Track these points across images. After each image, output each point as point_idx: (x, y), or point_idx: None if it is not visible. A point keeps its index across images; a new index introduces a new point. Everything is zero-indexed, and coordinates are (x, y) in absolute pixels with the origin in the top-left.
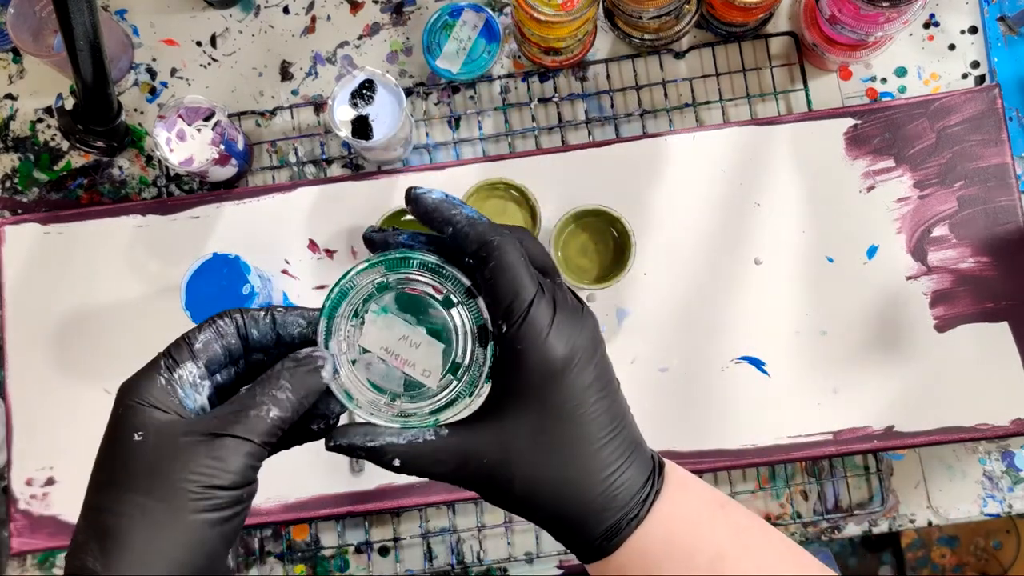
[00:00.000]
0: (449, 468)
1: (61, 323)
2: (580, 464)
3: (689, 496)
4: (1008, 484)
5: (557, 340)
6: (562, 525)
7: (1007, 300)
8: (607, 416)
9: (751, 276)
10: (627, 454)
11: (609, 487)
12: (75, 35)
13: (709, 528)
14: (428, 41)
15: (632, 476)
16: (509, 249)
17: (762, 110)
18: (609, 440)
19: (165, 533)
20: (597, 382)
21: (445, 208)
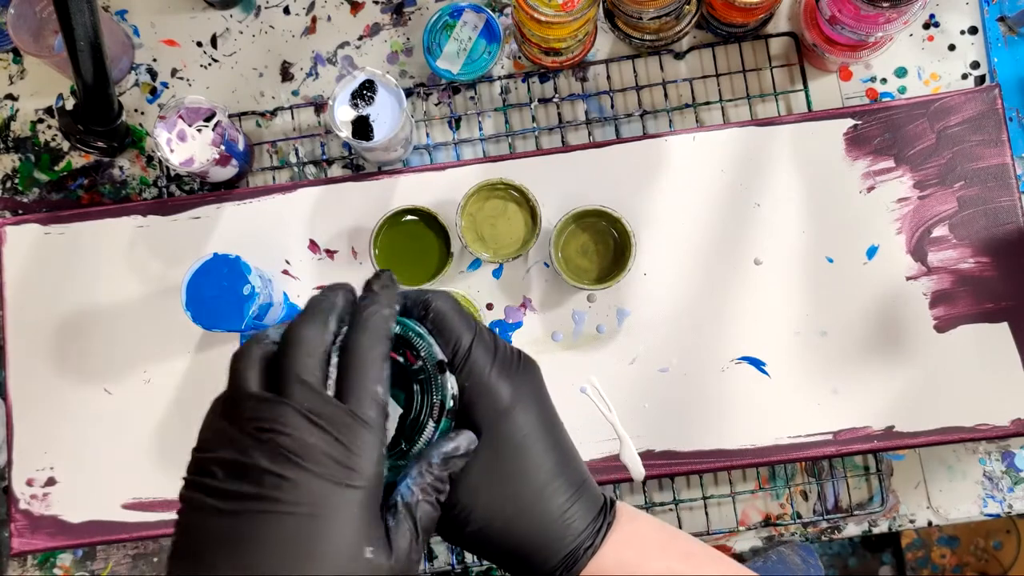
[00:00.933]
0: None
1: (61, 323)
2: (533, 496)
3: (639, 527)
4: (1008, 484)
5: (499, 379)
6: (517, 558)
7: (1007, 300)
8: (554, 453)
9: (751, 276)
10: (575, 489)
11: (562, 517)
12: (75, 35)
13: (660, 553)
14: (428, 42)
15: (582, 509)
16: (443, 301)
17: (762, 111)
18: (558, 474)
19: None
20: (541, 421)
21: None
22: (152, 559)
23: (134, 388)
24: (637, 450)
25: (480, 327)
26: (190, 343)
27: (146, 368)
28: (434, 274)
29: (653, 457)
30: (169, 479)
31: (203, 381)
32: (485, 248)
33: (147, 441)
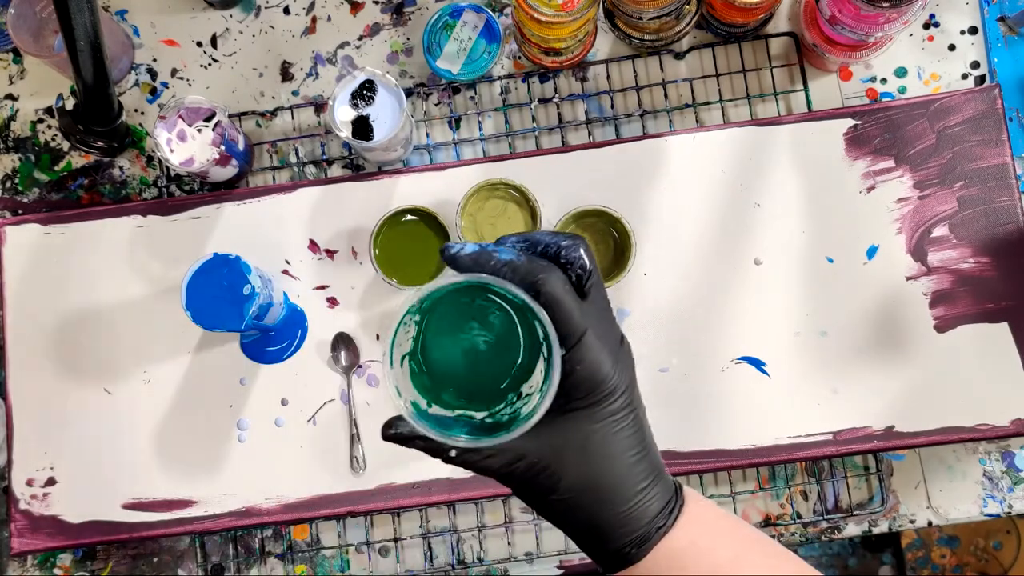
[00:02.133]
0: (499, 465)
1: (61, 323)
2: (618, 476)
3: (705, 512)
4: (1008, 484)
5: (604, 363)
6: (593, 532)
7: (1007, 300)
8: (638, 438)
9: (751, 276)
10: (653, 474)
11: (641, 500)
12: (75, 35)
13: (728, 536)
14: (428, 42)
15: (659, 492)
16: (554, 284)
17: (762, 110)
18: (640, 459)
19: None
20: (632, 408)
21: (484, 260)
22: (152, 559)
23: (134, 388)
24: None
25: (591, 305)
26: (190, 343)
27: (146, 368)
28: (434, 274)
29: None
30: (169, 479)
31: (203, 381)
32: None
33: (147, 441)
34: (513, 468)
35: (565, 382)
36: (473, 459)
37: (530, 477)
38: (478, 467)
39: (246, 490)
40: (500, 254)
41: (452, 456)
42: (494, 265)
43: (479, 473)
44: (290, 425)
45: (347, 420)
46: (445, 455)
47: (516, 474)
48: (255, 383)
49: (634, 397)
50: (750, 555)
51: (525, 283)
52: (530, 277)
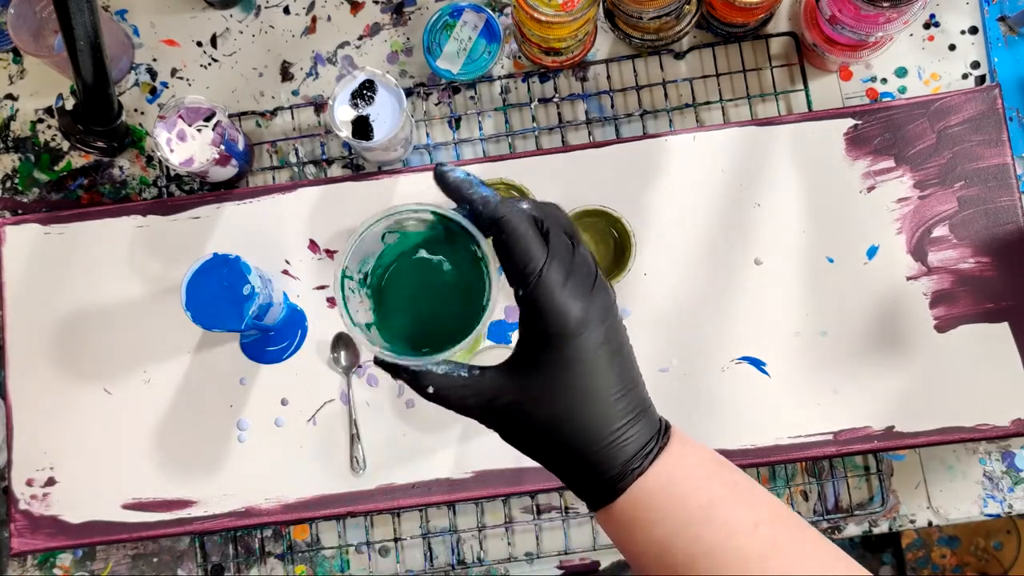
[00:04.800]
0: (476, 402)
1: (61, 323)
2: (591, 414)
3: (688, 454)
4: (1008, 484)
5: (570, 299)
6: (571, 469)
7: (1007, 300)
8: (617, 375)
9: (751, 276)
10: (634, 412)
11: (617, 439)
12: (75, 35)
13: (705, 481)
14: (428, 41)
15: (638, 432)
16: (518, 222)
17: (762, 110)
18: (619, 397)
19: None
20: (608, 343)
21: (464, 187)
22: (152, 559)
23: (134, 388)
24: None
25: (556, 247)
26: (190, 343)
27: (146, 368)
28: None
29: None
30: (169, 479)
31: (203, 381)
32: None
33: (147, 441)
34: (490, 407)
35: (532, 322)
36: (452, 396)
37: (506, 415)
38: (457, 405)
39: (246, 490)
40: (481, 187)
41: (431, 392)
42: (471, 193)
43: (461, 412)
44: (290, 425)
45: (347, 420)
46: (425, 391)
47: (494, 413)
48: (255, 383)
49: (610, 336)
50: (725, 501)
51: (491, 218)
52: (497, 213)
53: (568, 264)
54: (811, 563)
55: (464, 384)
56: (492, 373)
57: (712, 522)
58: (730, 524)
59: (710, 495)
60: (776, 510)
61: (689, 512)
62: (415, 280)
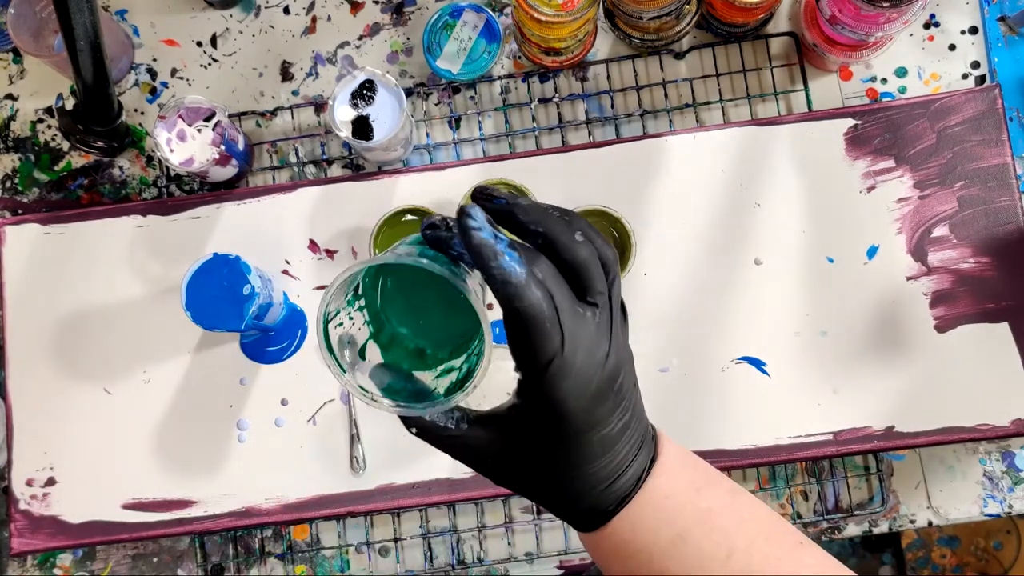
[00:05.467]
0: (460, 453)
1: (61, 323)
2: (586, 474)
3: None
4: (1008, 484)
5: (574, 399)
6: (557, 510)
7: (1007, 300)
8: (619, 434)
9: (751, 276)
10: (632, 454)
11: (608, 488)
12: (75, 35)
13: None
14: (428, 41)
15: (635, 468)
16: (530, 304)
17: (762, 110)
18: (620, 447)
19: None
20: (614, 408)
21: (485, 252)
22: (152, 559)
23: (134, 388)
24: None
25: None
26: (190, 343)
27: (146, 368)
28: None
29: None
30: (169, 479)
31: (203, 381)
32: None
33: (147, 441)
34: (475, 457)
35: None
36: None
37: (491, 470)
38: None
39: (246, 490)
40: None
41: (414, 432)
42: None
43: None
44: (290, 425)
45: (347, 420)
46: (409, 430)
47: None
48: (255, 383)
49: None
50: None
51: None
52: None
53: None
54: None
55: (450, 436)
56: (481, 431)
57: (679, 557)
58: (699, 557)
59: (680, 528)
60: (756, 532)
61: (657, 548)
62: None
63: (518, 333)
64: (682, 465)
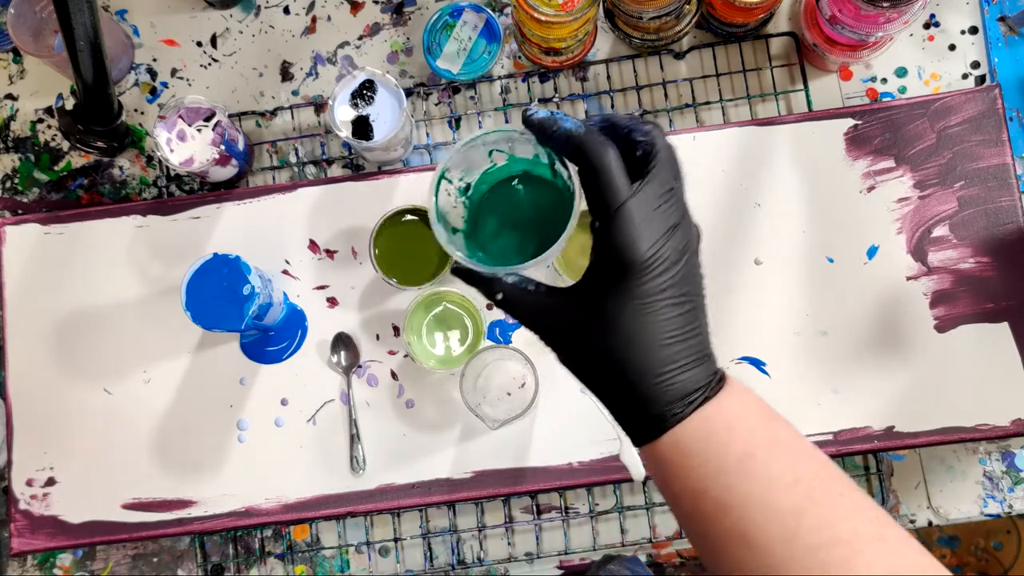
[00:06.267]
0: (539, 317)
1: (61, 323)
2: (642, 352)
3: (735, 405)
4: (1008, 484)
5: (641, 238)
6: (618, 400)
7: (1007, 300)
8: (678, 321)
9: (751, 276)
10: (689, 358)
11: (665, 380)
12: (75, 35)
13: (747, 433)
14: (428, 41)
15: (689, 378)
16: (598, 157)
17: (762, 110)
18: (675, 342)
19: None
20: (673, 288)
21: (547, 124)
22: (152, 559)
23: (134, 388)
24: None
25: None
26: (190, 343)
27: (146, 368)
28: (434, 274)
29: None
30: (169, 479)
31: (203, 381)
32: None
33: (147, 441)
34: (551, 323)
35: (602, 252)
36: (517, 307)
37: (564, 336)
38: (522, 316)
39: (246, 490)
40: (564, 122)
41: (499, 299)
42: (555, 131)
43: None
44: (290, 425)
45: (347, 420)
46: (494, 297)
47: (553, 331)
48: (255, 383)
49: (679, 280)
50: (764, 455)
51: (577, 152)
52: (581, 148)
53: (650, 203)
54: (846, 521)
55: (530, 296)
56: (559, 293)
57: (747, 473)
58: (766, 477)
59: (749, 447)
60: (820, 468)
61: (725, 462)
62: (510, 202)
63: (590, 180)
64: (754, 399)
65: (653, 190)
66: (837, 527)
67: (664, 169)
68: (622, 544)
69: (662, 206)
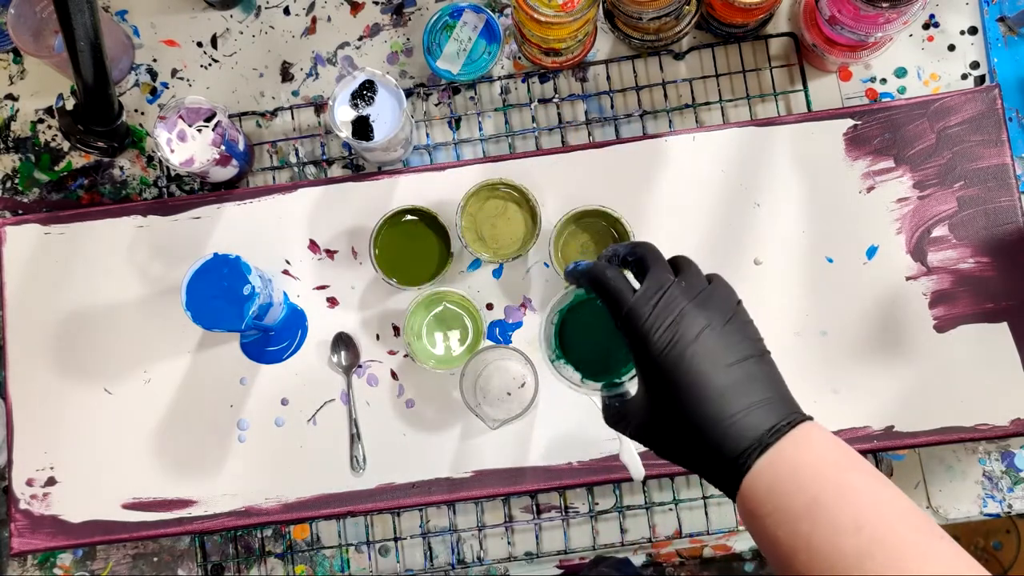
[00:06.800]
0: (623, 425)
1: (61, 323)
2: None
3: (803, 453)
4: (1008, 484)
5: (652, 335)
6: (701, 470)
7: (1007, 300)
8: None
9: (751, 276)
10: (755, 402)
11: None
12: (76, 36)
13: (812, 480)
14: (428, 42)
15: (758, 417)
16: (597, 276)
17: (762, 111)
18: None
19: None
20: (701, 357)
21: (569, 272)
22: (152, 559)
23: (134, 388)
24: (637, 450)
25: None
26: (190, 343)
27: (146, 368)
28: (434, 274)
29: (653, 457)
30: (169, 479)
31: (203, 381)
32: (485, 248)
33: (147, 441)
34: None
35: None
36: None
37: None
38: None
39: (246, 490)
40: (580, 265)
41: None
42: (575, 273)
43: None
44: (290, 425)
45: (347, 420)
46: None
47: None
48: (255, 383)
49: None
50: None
51: (590, 282)
52: (588, 277)
53: (652, 299)
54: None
55: (615, 408)
56: (631, 401)
57: (814, 520)
58: (832, 524)
59: (816, 493)
60: (890, 516)
61: (794, 510)
62: (585, 320)
63: (603, 298)
64: (828, 446)
65: (650, 288)
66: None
67: (658, 269)
68: (622, 544)
69: (662, 299)
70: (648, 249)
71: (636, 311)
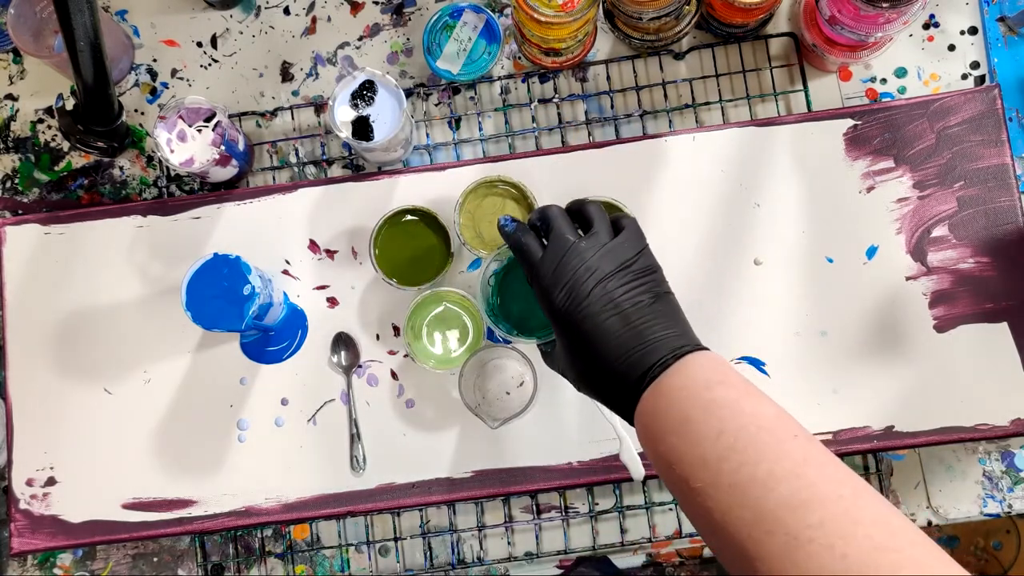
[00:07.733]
0: (551, 365)
1: (61, 323)
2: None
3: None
4: (1008, 484)
5: (551, 292)
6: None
7: (1007, 300)
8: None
9: (751, 276)
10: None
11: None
12: (76, 36)
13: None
14: (428, 42)
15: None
16: (512, 241)
17: (762, 111)
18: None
19: None
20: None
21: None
22: (152, 559)
23: (134, 388)
24: (637, 450)
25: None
26: (190, 343)
27: (146, 368)
28: (434, 274)
29: None
30: (169, 479)
31: (203, 381)
32: (483, 245)
33: (147, 441)
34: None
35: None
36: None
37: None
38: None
39: (246, 490)
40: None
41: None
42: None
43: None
44: (290, 425)
45: (347, 420)
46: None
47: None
48: (255, 383)
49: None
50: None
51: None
52: (506, 238)
53: (552, 260)
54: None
55: (547, 354)
56: (556, 348)
57: (685, 435)
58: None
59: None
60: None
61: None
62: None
63: (517, 258)
64: (704, 369)
65: (551, 250)
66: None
67: (560, 231)
68: (622, 544)
69: (562, 260)
70: (553, 213)
71: (538, 271)
